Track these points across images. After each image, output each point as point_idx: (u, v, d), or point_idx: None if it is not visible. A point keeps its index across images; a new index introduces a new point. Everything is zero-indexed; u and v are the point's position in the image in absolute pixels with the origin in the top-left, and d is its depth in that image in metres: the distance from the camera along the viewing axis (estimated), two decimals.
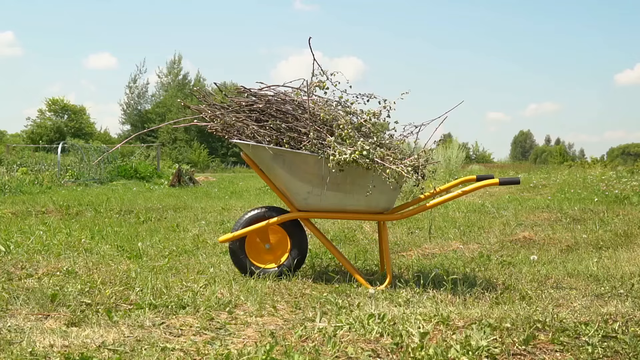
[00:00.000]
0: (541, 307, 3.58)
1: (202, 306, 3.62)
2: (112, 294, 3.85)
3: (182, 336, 3.09)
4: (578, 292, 4.20)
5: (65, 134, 50.09)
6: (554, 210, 8.52)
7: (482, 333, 2.73)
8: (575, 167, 29.32)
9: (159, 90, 63.97)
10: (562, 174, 18.65)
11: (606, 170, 20.83)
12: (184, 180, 16.90)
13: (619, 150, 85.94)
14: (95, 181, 19.86)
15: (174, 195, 13.01)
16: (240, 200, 11.84)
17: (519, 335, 2.77)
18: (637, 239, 6.26)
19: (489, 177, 4.89)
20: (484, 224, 7.51)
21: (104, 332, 3.08)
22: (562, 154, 75.32)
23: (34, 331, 3.06)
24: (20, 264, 4.75)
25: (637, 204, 10.54)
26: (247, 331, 3.17)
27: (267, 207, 4.72)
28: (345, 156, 4.14)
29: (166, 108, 60.07)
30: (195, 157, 50.66)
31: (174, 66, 63.91)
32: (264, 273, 4.53)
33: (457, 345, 2.62)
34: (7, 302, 3.60)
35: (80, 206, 9.25)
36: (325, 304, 3.73)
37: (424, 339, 2.77)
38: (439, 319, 3.09)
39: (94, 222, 7.62)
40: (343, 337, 2.90)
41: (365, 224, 7.45)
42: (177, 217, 8.32)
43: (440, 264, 5.22)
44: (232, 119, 4.44)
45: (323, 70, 4.50)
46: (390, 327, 2.97)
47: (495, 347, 2.64)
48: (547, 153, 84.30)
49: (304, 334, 2.98)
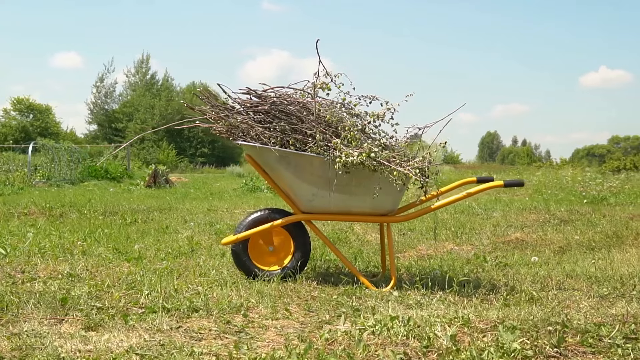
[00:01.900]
0: (549, 309, 3.61)
1: (214, 309, 3.59)
2: (121, 298, 3.80)
3: (203, 340, 3.06)
4: (582, 293, 4.25)
5: (30, 133, 49.35)
6: (542, 212, 8.62)
7: (511, 335, 2.74)
8: (545, 168, 29.69)
9: (126, 89, 63.29)
10: (535, 175, 18.87)
11: (577, 172, 21.12)
12: (160, 181, 16.76)
13: (584, 152, 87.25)
14: (67, 182, 19.58)
15: (153, 196, 12.89)
16: (222, 201, 11.78)
17: (549, 337, 2.79)
18: (628, 240, 6.36)
19: (489, 179, 4.93)
20: (475, 225, 7.57)
21: (124, 337, 3.03)
22: (529, 154, 76.30)
23: (52, 336, 3.01)
24: (20, 267, 4.66)
25: (615, 204, 10.73)
26: (268, 334, 3.15)
27: (270, 209, 4.69)
28: (353, 158, 4.14)
29: (134, 108, 59.47)
30: (163, 157, 50.21)
31: (142, 65, 63.25)
32: (268, 275, 4.50)
33: (491, 347, 2.63)
34: (17, 306, 3.53)
35: (62, 207, 9.11)
36: (338, 306, 3.72)
37: (453, 341, 2.78)
38: (461, 322, 3.10)
39: (81, 223, 7.51)
40: (369, 340, 2.90)
41: (356, 225, 7.46)
42: (164, 219, 8.24)
43: (439, 266, 5.25)
44: (237, 120, 4.41)
45: (328, 72, 4.49)
46: (416, 330, 2.97)
47: (528, 349, 2.65)
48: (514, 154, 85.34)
49: (330, 337, 2.97)
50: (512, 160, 76.39)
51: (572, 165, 29.86)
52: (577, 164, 32.00)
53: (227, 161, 61.69)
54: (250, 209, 9.74)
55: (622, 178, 15.86)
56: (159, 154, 51.08)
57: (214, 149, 62.49)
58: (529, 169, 31.26)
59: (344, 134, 4.30)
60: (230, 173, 38.31)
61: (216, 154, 62.85)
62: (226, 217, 8.49)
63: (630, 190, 13.33)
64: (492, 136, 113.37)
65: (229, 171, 41.39)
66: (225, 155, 64.00)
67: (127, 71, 63.21)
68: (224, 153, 64.36)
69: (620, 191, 13.14)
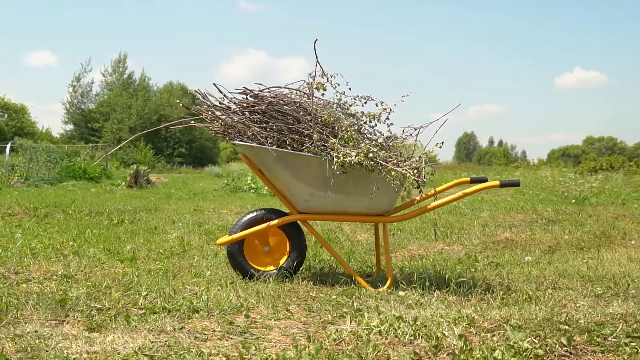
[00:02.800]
0: (549, 308, 3.64)
1: (215, 310, 3.57)
2: (120, 299, 3.77)
3: (208, 340, 3.04)
4: (577, 292, 4.28)
5: (6, 133, 48.72)
6: (529, 212, 8.69)
7: (520, 334, 2.76)
8: (523, 168, 29.98)
9: (103, 89, 62.80)
10: (515, 176, 19.02)
11: (555, 172, 21.34)
12: (141, 181, 16.65)
13: (560, 152, 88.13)
14: (45, 182, 19.37)
15: (136, 196, 12.80)
16: (207, 201, 11.73)
17: (558, 336, 2.81)
18: (616, 240, 6.44)
19: (483, 179, 4.96)
20: (464, 225, 7.61)
21: (128, 338, 3.01)
22: (506, 155, 76.90)
23: (56, 337, 2.97)
24: (12, 268, 4.61)
25: (597, 204, 10.85)
26: (273, 335, 3.14)
27: (266, 209, 4.67)
28: (351, 158, 4.14)
29: (110, 107, 59.04)
30: (141, 157, 49.86)
31: (119, 65, 62.80)
32: (264, 276, 4.49)
33: (502, 346, 2.65)
34: (16, 307, 3.48)
35: (47, 208, 9.00)
36: (339, 306, 3.72)
37: (461, 340, 2.79)
38: (467, 321, 3.11)
39: (68, 224, 7.43)
40: (377, 340, 2.90)
41: (345, 225, 7.46)
42: (151, 219, 8.18)
43: (432, 266, 5.27)
44: (234, 120, 4.40)
45: (324, 72, 4.49)
46: (423, 330, 2.98)
47: (538, 348, 2.67)
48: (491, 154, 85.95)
49: (337, 337, 2.97)
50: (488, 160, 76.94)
51: (550, 165, 30.16)
52: (555, 165, 32.32)
53: (205, 161, 61.50)
54: (236, 209, 9.71)
55: (601, 178, 16.04)
56: (137, 154, 50.70)
57: (191, 149, 62.27)
58: (507, 169, 31.52)
59: (341, 134, 4.30)
60: (208, 173, 38.22)
61: (194, 154, 62.62)
62: (214, 218, 8.46)
63: (611, 191, 13.50)
64: (468, 137, 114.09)
65: (207, 171, 41.28)
66: (202, 156, 63.82)
67: (104, 70, 62.82)
68: (201, 153, 64.18)
69: (601, 191, 13.31)
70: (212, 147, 69.00)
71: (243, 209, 9.50)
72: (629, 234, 6.71)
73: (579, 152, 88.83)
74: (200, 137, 63.22)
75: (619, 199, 11.90)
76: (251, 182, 16.73)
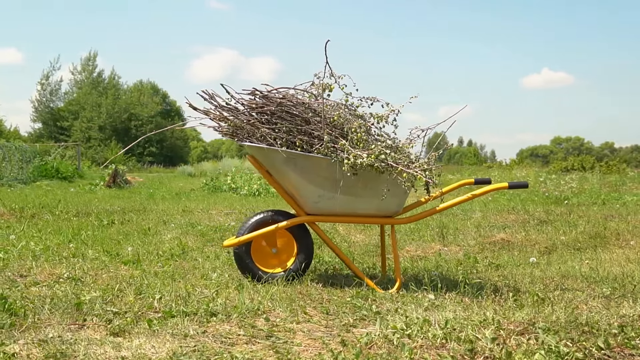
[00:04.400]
0: (569, 310, 3.67)
1: (233, 313, 3.53)
2: (135, 302, 3.71)
3: (235, 345, 3.01)
4: (585, 293, 4.31)
5: None
6: (520, 212, 8.76)
7: (555, 337, 2.77)
8: (496, 168, 30.24)
9: (72, 87, 61.98)
10: (491, 175, 19.18)
11: (530, 172, 21.56)
12: (120, 180, 16.48)
13: (528, 152, 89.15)
14: (19, 181, 19.05)
15: (118, 196, 12.66)
16: (192, 201, 11.64)
17: (593, 339, 2.83)
18: (611, 240, 6.52)
19: (486, 180, 5.00)
20: (458, 225, 7.65)
21: (154, 343, 2.96)
22: (476, 155, 77.54)
23: (81, 342, 2.92)
24: (18, 271, 4.52)
25: (578, 204, 10.98)
26: (299, 338, 3.11)
27: (274, 211, 4.64)
28: (363, 160, 4.13)
29: (79, 106, 58.34)
30: (111, 156, 49.31)
31: (88, 63, 62.02)
32: (272, 278, 4.46)
33: (542, 350, 2.65)
34: (33, 311, 3.41)
35: (33, 208, 8.85)
36: (356, 309, 3.71)
37: (494, 343, 2.80)
38: (494, 324, 3.11)
39: (58, 225, 7.30)
40: (410, 344, 2.89)
41: (339, 226, 7.45)
42: (141, 220, 8.08)
43: (435, 267, 5.28)
44: (244, 121, 4.36)
45: (333, 73, 4.47)
46: (454, 333, 2.98)
47: (575, 351, 2.68)
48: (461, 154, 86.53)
49: (369, 341, 2.96)
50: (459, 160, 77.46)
51: (522, 165, 30.47)
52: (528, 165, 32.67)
53: (176, 160, 61.14)
54: (225, 209, 9.64)
55: (576, 178, 16.24)
56: (107, 153, 50.15)
57: (162, 148, 61.84)
58: (480, 169, 31.81)
59: (351, 135, 4.29)
60: (181, 172, 38.00)
61: (164, 153, 62.17)
62: (204, 218, 8.38)
63: (590, 191, 13.68)
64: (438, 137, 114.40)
65: (180, 171, 41.03)
66: (173, 155, 63.42)
67: (73, 69, 62.02)
68: (172, 152, 63.77)
69: (580, 191, 13.48)
70: (182, 146, 68.63)
71: (233, 209, 9.44)
72: (622, 234, 6.80)
73: (547, 152, 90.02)
74: (171, 137, 62.84)
75: (599, 199, 12.06)
76: (231, 182, 16.65)
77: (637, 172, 26.34)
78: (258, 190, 15.07)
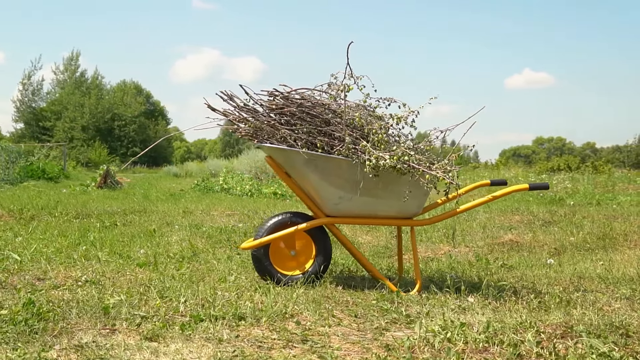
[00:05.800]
0: (602, 312, 3.66)
1: (262, 317, 3.49)
2: (160, 305, 3.65)
3: (273, 349, 2.97)
4: (607, 295, 4.31)
5: None
6: (525, 213, 8.78)
7: (601, 341, 2.76)
8: (482, 168, 30.36)
9: (54, 87, 61.42)
10: (483, 176, 19.24)
11: (519, 172, 21.66)
12: (111, 181, 16.34)
13: (510, 152, 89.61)
14: (6, 182, 18.83)
15: (113, 197, 12.54)
16: (190, 202, 11.55)
17: (639, 342, 2.82)
18: (619, 241, 6.54)
19: (502, 181, 4.99)
20: (464, 226, 7.64)
21: (192, 348, 2.92)
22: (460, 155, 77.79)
23: (117, 348, 2.87)
24: (35, 275, 4.44)
25: (574, 205, 11.03)
26: (336, 342, 3.07)
27: (292, 213, 4.59)
28: (385, 161, 4.10)
29: (62, 106, 57.84)
30: (95, 156, 48.91)
31: (71, 63, 61.49)
32: (291, 281, 4.42)
33: (593, 354, 2.64)
34: (61, 316, 3.35)
35: (32, 210, 8.73)
36: (384, 312, 3.67)
37: (538, 347, 2.78)
38: (533, 328, 3.09)
39: (60, 227, 7.20)
40: (453, 348, 2.87)
41: (344, 227, 7.41)
42: (143, 222, 7.99)
43: (449, 269, 5.27)
44: (263, 122, 4.32)
45: (353, 73, 4.43)
46: (498, 337, 2.96)
47: (629, 355, 2.67)
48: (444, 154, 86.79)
49: (411, 345, 2.93)
50: None
51: (508, 165, 30.62)
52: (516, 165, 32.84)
53: (159, 161, 60.91)
54: (225, 210, 9.57)
55: (568, 178, 16.33)
56: (91, 154, 49.75)
57: (145, 149, 61.40)
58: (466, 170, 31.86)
59: (372, 136, 4.25)
60: (166, 173, 37.87)
61: (148, 153, 61.72)
62: (207, 220, 8.31)
63: (585, 191, 13.75)
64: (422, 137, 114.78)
65: (164, 171, 40.88)
66: (157, 155, 63.09)
67: (56, 68, 61.47)
68: (155, 153, 63.38)
69: (575, 192, 13.55)
70: (166, 146, 68.26)
71: (234, 211, 9.37)
72: (629, 235, 6.82)
73: (530, 152, 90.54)
74: (155, 137, 62.48)
75: (594, 199, 12.13)
76: (223, 183, 16.58)
77: (622, 172, 26.54)
78: (250, 191, 15.04)
